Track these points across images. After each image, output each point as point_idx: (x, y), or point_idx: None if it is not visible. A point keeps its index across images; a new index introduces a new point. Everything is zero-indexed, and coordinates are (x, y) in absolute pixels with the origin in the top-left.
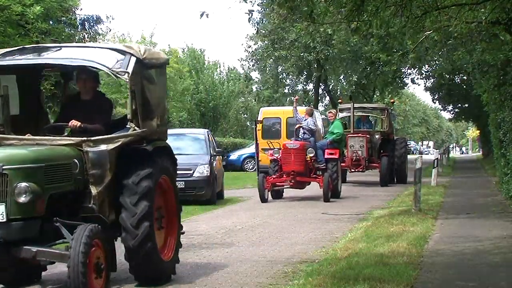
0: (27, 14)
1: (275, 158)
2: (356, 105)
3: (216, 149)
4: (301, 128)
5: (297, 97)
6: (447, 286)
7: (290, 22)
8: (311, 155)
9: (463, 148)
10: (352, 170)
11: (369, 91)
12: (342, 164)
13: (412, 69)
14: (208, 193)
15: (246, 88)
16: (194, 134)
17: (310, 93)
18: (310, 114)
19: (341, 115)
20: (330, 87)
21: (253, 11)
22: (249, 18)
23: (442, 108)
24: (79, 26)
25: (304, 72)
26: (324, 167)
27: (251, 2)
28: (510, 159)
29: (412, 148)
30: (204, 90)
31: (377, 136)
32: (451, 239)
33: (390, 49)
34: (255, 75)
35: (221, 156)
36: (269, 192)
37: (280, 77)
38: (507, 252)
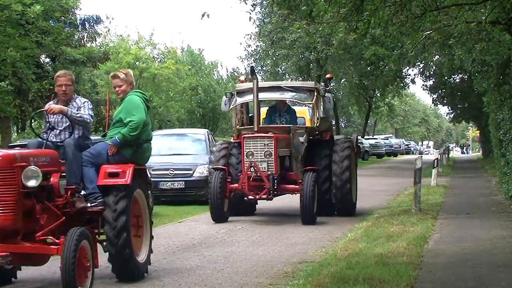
0: (27, 13)
1: None
2: (265, 84)
3: None
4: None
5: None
6: (447, 286)
7: (289, 22)
8: (32, 184)
9: (464, 148)
10: (251, 196)
11: (369, 92)
12: (234, 186)
13: (412, 69)
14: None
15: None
16: (194, 134)
17: None
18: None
19: (239, 100)
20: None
21: (255, 5)
22: (250, 17)
23: (445, 108)
24: (79, 26)
25: (304, 71)
26: (100, 208)
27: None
28: (510, 159)
29: (412, 148)
30: (202, 91)
31: (301, 137)
32: (451, 239)
33: (388, 49)
34: None
35: None
36: None
37: (280, 76)
38: (507, 252)
